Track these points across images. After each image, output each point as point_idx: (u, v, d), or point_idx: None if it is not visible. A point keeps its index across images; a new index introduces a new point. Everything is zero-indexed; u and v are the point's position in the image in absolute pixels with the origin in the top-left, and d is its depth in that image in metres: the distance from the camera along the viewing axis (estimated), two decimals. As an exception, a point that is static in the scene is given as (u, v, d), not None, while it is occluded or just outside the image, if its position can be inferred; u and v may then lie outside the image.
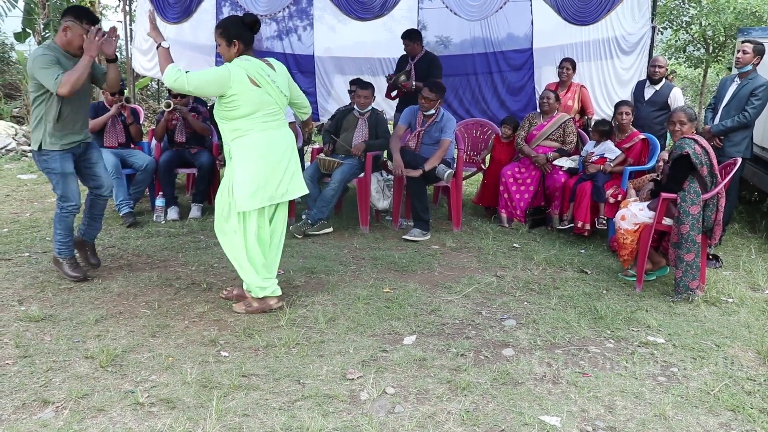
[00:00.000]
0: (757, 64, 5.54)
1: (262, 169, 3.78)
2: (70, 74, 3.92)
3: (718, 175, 4.42)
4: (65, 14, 4.14)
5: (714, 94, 6.08)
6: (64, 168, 4.17)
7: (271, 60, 3.92)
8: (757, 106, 5.41)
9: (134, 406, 2.86)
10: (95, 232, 4.61)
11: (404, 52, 6.92)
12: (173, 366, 3.23)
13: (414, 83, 6.61)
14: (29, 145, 9.54)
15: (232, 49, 3.78)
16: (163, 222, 5.94)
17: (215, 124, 6.51)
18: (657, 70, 6.27)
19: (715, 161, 4.41)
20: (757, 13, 10.52)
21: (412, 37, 6.77)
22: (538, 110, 6.41)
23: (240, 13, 8.05)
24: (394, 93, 7.03)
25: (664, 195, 4.46)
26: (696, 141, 4.37)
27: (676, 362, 3.46)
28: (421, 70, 6.71)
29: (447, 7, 7.64)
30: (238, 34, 3.76)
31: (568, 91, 6.64)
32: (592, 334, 3.80)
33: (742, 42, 5.71)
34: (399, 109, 6.97)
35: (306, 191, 4.06)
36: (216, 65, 8.15)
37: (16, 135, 9.74)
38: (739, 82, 5.58)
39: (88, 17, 4.15)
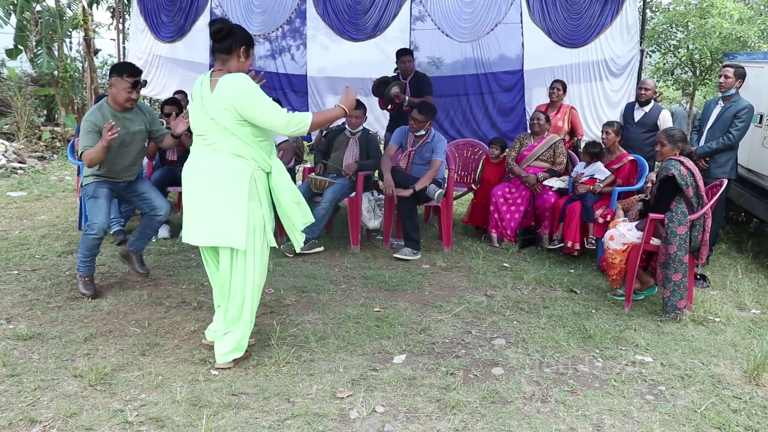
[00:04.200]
0: (739, 87, 5.64)
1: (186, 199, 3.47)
2: (89, 152, 4.21)
3: (704, 196, 4.48)
4: (110, 73, 4.45)
5: (699, 116, 6.18)
6: (96, 192, 4.41)
7: (223, 79, 3.27)
8: (741, 128, 5.50)
9: (123, 425, 2.85)
10: (143, 246, 4.73)
11: (394, 74, 6.98)
12: (163, 384, 3.23)
13: (408, 97, 6.67)
14: (20, 162, 9.53)
15: None
16: (153, 240, 5.93)
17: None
18: (643, 92, 6.36)
19: (701, 182, 4.47)
20: (741, 38, 10.71)
21: (411, 53, 6.89)
22: (529, 131, 6.47)
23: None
24: (389, 105, 7.06)
25: (651, 215, 4.51)
26: (682, 162, 4.43)
27: (663, 381, 3.49)
28: (413, 88, 6.79)
29: (439, 28, 7.77)
30: None
31: (558, 112, 6.71)
32: (581, 353, 3.82)
33: (724, 66, 5.82)
34: (390, 129, 7.02)
35: (211, 244, 3.39)
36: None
37: (6, 152, 9.71)
38: (722, 105, 5.67)
39: (129, 71, 4.36)
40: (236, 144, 3.30)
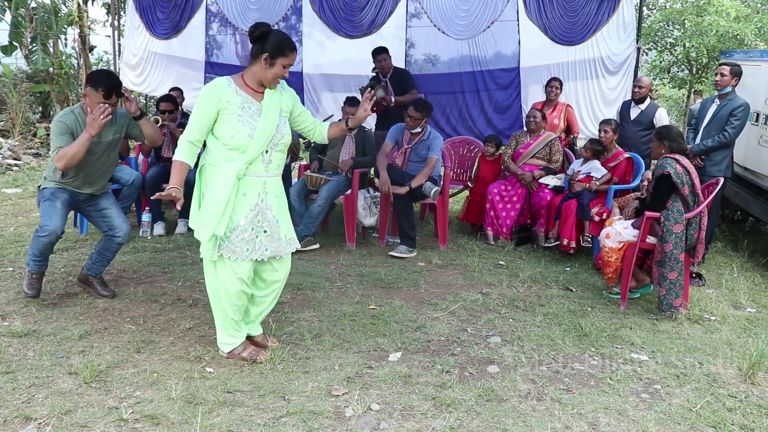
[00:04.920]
0: (735, 85, 5.65)
1: None
2: (67, 149, 3.93)
3: (700, 195, 4.49)
4: (86, 82, 4.10)
5: (695, 114, 6.18)
6: (54, 195, 4.10)
7: None
8: (737, 126, 5.51)
9: (118, 422, 2.84)
10: (102, 269, 4.40)
11: (373, 74, 6.96)
12: (158, 382, 3.22)
13: (393, 98, 6.66)
14: (15, 159, 9.50)
15: None
16: (149, 237, 5.93)
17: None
18: (637, 90, 6.36)
19: (697, 181, 4.47)
20: (738, 36, 10.72)
21: (386, 51, 6.84)
22: (525, 129, 6.47)
23: (229, 29, 8.15)
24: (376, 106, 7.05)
25: (647, 214, 4.51)
26: (677, 161, 4.43)
27: (659, 379, 3.49)
28: (395, 85, 6.79)
29: (435, 25, 7.75)
30: None
31: (554, 110, 6.71)
32: (576, 351, 3.82)
33: (720, 65, 5.82)
34: (379, 127, 7.01)
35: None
36: (205, 81, 8.22)
37: (1, 149, 9.68)
38: (718, 103, 5.68)
39: (104, 84, 4.02)
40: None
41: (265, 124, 3.31)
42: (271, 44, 3.29)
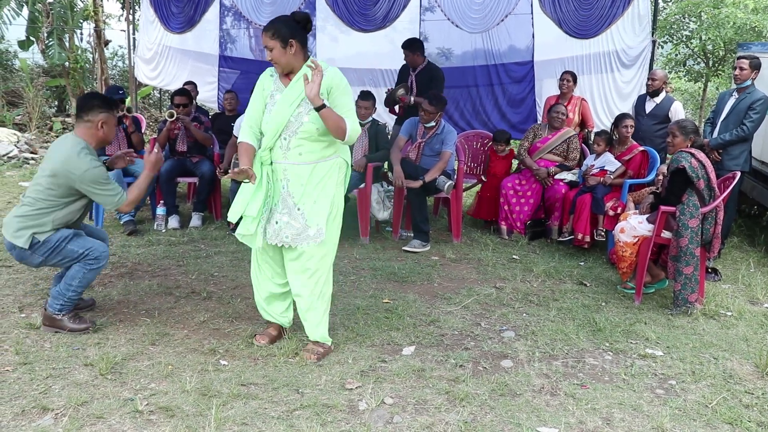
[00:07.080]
0: (755, 78, 5.58)
1: None
2: (134, 194, 3.71)
3: (716, 189, 4.44)
4: (94, 108, 3.66)
5: (713, 108, 6.11)
6: (66, 233, 3.62)
7: None
8: (755, 119, 5.44)
9: (133, 413, 2.86)
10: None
11: (405, 63, 6.89)
12: (172, 374, 3.24)
13: (413, 98, 6.57)
14: (31, 153, 9.58)
15: (288, 50, 3.27)
16: (163, 231, 5.96)
17: (217, 134, 6.57)
18: (650, 83, 6.30)
19: (713, 175, 4.43)
20: (756, 29, 10.59)
21: (412, 47, 6.61)
22: (539, 122, 6.42)
23: (243, 23, 8.16)
24: (395, 107, 6.98)
25: (663, 208, 4.47)
26: (693, 155, 4.39)
27: (674, 375, 3.47)
28: (423, 82, 6.62)
29: (449, 19, 7.72)
30: (293, 33, 3.27)
31: (568, 103, 6.65)
32: (590, 346, 3.80)
33: (738, 58, 5.75)
34: (399, 122, 6.97)
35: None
36: (219, 75, 8.23)
37: (18, 142, 9.77)
38: (737, 96, 5.61)
39: (115, 104, 3.78)
40: None
41: (278, 110, 3.34)
42: None
